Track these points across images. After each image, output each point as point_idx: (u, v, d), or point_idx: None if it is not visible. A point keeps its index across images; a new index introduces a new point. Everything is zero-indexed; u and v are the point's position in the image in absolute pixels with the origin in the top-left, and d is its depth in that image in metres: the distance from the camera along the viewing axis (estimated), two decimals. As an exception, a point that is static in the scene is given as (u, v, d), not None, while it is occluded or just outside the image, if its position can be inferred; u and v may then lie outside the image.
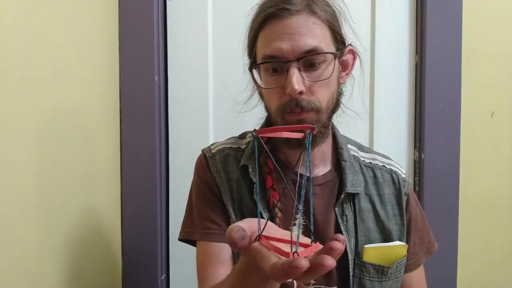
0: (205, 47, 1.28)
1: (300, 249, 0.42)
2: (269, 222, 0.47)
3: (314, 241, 0.45)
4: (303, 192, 0.44)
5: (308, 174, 0.43)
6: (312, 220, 0.48)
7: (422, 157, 1.22)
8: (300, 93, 0.69)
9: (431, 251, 0.86)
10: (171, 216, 1.29)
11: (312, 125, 0.42)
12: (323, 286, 0.75)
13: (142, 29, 1.22)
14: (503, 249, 1.22)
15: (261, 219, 0.45)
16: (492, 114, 1.21)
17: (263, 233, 0.44)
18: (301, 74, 0.69)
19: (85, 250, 1.02)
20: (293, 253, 0.40)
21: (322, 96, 0.71)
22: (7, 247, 0.73)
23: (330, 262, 0.38)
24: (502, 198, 1.22)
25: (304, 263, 0.37)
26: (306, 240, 0.46)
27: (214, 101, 1.29)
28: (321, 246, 0.42)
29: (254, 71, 0.78)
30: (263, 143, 0.64)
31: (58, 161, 0.89)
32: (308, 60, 0.70)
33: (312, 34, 0.70)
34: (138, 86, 1.23)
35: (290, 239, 0.42)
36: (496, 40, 1.20)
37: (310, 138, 0.41)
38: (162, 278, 1.28)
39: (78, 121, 0.99)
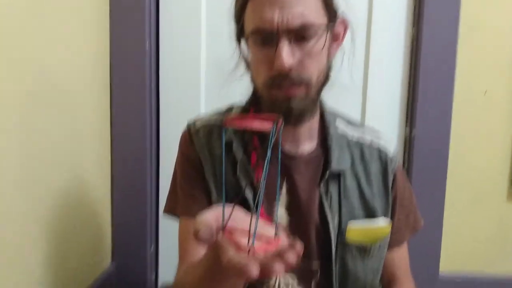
0: (198, 12, 1.25)
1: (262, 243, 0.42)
2: (238, 211, 0.47)
3: (278, 234, 0.45)
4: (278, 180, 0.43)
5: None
6: (277, 213, 0.48)
7: (413, 134, 1.21)
8: (290, 68, 0.66)
9: (416, 228, 0.86)
10: (161, 188, 1.30)
11: (278, 116, 0.41)
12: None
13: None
14: (488, 228, 1.23)
15: (229, 207, 0.45)
16: (485, 92, 1.19)
17: (229, 224, 0.44)
18: (291, 47, 0.67)
19: (73, 220, 1.02)
20: (249, 249, 0.40)
21: (312, 70, 0.69)
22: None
23: (279, 268, 0.38)
24: (490, 178, 1.22)
25: (253, 270, 0.38)
26: (271, 229, 0.46)
27: (207, 70, 1.27)
28: (280, 243, 0.43)
29: (242, 40, 0.75)
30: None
31: (45, 129, 0.88)
32: (299, 32, 0.67)
33: (304, 4, 0.67)
34: (129, 54, 1.21)
35: (256, 226, 0.42)
36: (494, 16, 1.17)
37: (275, 129, 0.40)
38: (152, 249, 1.29)
39: (66, 88, 0.97)
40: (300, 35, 0.67)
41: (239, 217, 0.46)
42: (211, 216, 0.45)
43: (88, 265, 1.12)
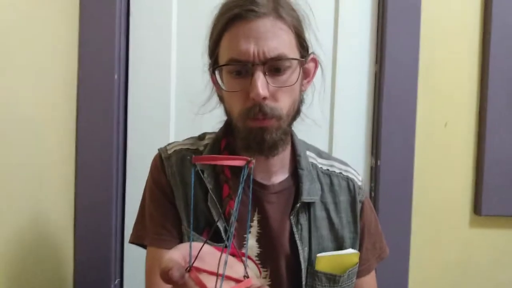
0: (168, 46, 1.26)
1: (231, 285, 0.41)
2: (207, 246, 0.44)
3: (247, 275, 0.43)
4: (249, 209, 0.43)
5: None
6: (246, 254, 0.47)
7: (378, 164, 1.25)
8: (264, 98, 0.68)
9: (382, 256, 0.88)
10: (126, 218, 1.26)
11: (248, 158, 0.41)
12: None
13: (103, 24, 1.19)
14: (454, 254, 1.27)
15: (197, 245, 0.43)
16: (446, 124, 1.25)
17: (195, 263, 0.41)
18: (266, 79, 0.69)
19: (33, 255, 0.97)
20: None
21: (284, 103, 0.71)
22: None
23: None
24: (455, 206, 1.26)
25: None
26: (240, 267, 0.45)
27: (176, 101, 1.27)
28: (250, 283, 0.42)
29: (215, 73, 0.76)
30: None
31: (8, 161, 0.85)
32: (274, 65, 0.69)
33: (279, 39, 0.69)
34: (97, 84, 1.19)
35: (224, 268, 0.40)
36: (452, 52, 1.24)
37: (245, 172, 0.40)
38: (116, 282, 1.25)
39: (28, 116, 0.94)
40: (274, 67, 0.69)
41: (206, 253, 0.44)
42: (177, 255, 0.41)
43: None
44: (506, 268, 1.27)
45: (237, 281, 0.43)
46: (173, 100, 1.27)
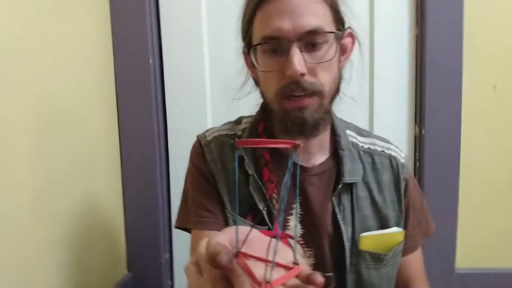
0: (200, 31, 1.25)
1: (280, 272, 0.39)
2: (254, 231, 0.41)
3: (296, 262, 0.41)
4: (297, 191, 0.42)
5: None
6: (296, 239, 0.44)
7: (423, 132, 1.21)
8: (302, 75, 0.66)
9: (428, 233, 0.86)
10: (172, 198, 1.31)
11: (297, 142, 0.39)
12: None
13: (134, 15, 1.19)
14: (504, 223, 1.22)
15: (244, 230, 0.40)
16: (494, 87, 1.18)
17: (243, 249, 0.39)
18: (303, 55, 0.66)
19: (87, 240, 1.03)
20: (266, 283, 0.36)
21: (324, 79, 0.68)
22: (7, 241, 0.74)
23: None
24: (504, 173, 1.21)
25: None
26: (289, 252, 0.42)
27: (211, 84, 1.27)
28: (300, 270, 0.39)
29: (250, 55, 0.74)
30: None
31: (54, 154, 0.89)
32: (310, 40, 0.66)
33: (314, 13, 0.66)
34: (133, 71, 1.21)
35: (274, 256, 0.38)
36: (499, 11, 1.15)
37: (293, 157, 0.37)
38: (166, 256, 1.31)
39: (73, 110, 0.98)
40: (310, 42, 0.67)
41: (253, 237, 0.41)
42: (225, 239, 0.39)
43: (105, 277, 1.13)
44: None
45: (287, 268, 0.40)
46: (208, 83, 1.27)
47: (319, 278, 0.37)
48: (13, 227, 0.76)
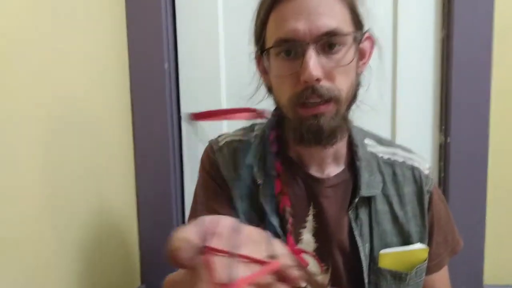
0: (216, 37, 1.22)
1: (254, 268, 0.33)
2: (233, 221, 0.37)
3: (273, 255, 0.36)
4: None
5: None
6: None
7: (448, 141, 1.14)
8: (318, 80, 0.61)
9: (455, 250, 0.80)
10: (186, 208, 1.28)
11: (259, 109, 0.34)
12: None
13: (150, 18, 1.18)
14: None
15: (219, 219, 0.36)
16: (525, 94, 1.11)
17: (215, 242, 0.35)
18: (319, 58, 0.62)
19: (99, 250, 1.01)
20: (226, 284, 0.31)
21: (341, 84, 0.64)
22: (17, 249, 0.73)
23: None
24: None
25: None
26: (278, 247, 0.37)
27: (227, 90, 1.24)
28: (276, 266, 0.34)
29: (263, 59, 0.70)
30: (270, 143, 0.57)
31: (67, 159, 0.88)
32: (327, 42, 0.62)
33: (331, 13, 0.62)
34: (148, 76, 1.20)
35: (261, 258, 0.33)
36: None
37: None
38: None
39: (87, 114, 0.97)
40: (327, 44, 0.63)
41: (232, 229, 0.36)
42: (193, 232, 0.34)
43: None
44: None
45: (262, 263, 0.34)
46: (224, 89, 1.25)
47: (294, 272, 0.33)
48: (23, 234, 0.75)
